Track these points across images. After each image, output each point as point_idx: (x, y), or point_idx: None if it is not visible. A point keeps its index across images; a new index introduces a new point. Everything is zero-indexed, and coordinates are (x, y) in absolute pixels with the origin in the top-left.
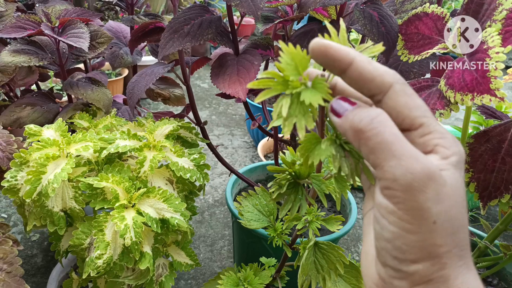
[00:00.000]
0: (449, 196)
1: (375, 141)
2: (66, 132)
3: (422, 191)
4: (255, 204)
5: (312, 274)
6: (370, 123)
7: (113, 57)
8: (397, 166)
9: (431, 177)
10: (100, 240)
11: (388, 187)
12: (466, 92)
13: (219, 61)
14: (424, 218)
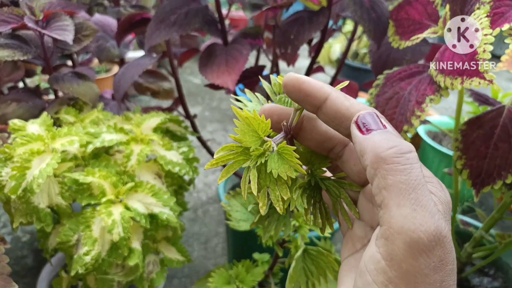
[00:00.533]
0: (449, 263)
1: (397, 179)
2: (51, 126)
3: (426, 256)
4: (243, 203)
5: (302, 280)
6: (400, 156)
7: (100, 50)
8: (409, 217)
9: (440, 241)
10: (87, 236)
11: (388, 238)
12: (455, 76)
13: (207, 51)
14: (416, 284)
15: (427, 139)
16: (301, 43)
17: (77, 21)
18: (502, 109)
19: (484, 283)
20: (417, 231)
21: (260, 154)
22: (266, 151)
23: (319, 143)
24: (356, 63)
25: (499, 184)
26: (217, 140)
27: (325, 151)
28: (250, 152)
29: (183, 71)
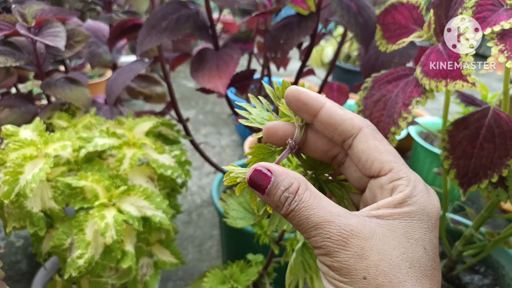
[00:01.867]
0: (378, 248)
1: (294, 222)
2: (43, 131)
3: (343, 250)
4: (240, 202)
5: (300, 273)
6: (288, 206)
7: (92, 55)
8: (317, 235)
9: (348, 235)
10: (80, 240)
11: (318, 254)
12: (440, 78)
13: (198, 56)
14: (352, 275)
15: (419, 140)
16: (290, 48)
17: (69, 27)
18: (487, 110)
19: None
20: (325, 241)
21: None
22: None
23: (323, 152)
24: (348, 65)
25: (485, 183)
26: (211, 143)
27: (329, 159)
28: None
29: (177, 75)
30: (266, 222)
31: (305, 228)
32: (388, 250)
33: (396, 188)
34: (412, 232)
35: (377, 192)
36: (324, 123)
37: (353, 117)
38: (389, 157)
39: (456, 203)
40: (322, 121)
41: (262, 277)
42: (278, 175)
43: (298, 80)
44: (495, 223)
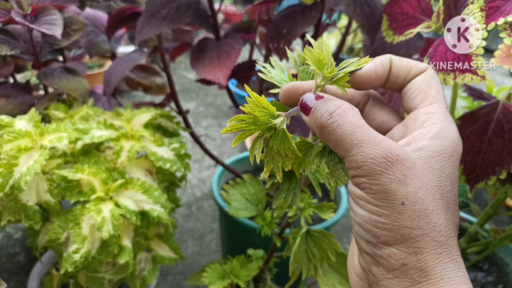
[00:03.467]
0: (418, 178)
1: (335, 135)
2: (39, 123)
3: (385, 173)
4: (242, 193)
5: (304, 262)
6: (329, 117)
7: (90, 45)
8: (359, 153)
9: (394, 159)
10: (77, 234)
11: (355, 175)
12: (448, 71)
13: (199, 46)
14: (390, 199)
15: None
16: (293, 38)
17: (66, 15)
18: (496, 104)
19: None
20: (368, 160)
21: (268, 128)
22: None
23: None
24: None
25: (493, 180)
26: (211, 135)
27: None
28: (259, 124)
29: (177, 66)
30: (268, 213)
31: (346, 145)
32: (425, 181)
33: (430, 120)
34: (445, 166)
35: (410, 124)
36: (395, 77)
37: (416, 62)
38: (436, 95)
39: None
40: (393, 77)
41: (263, 272)
42: (328, 98)
43: None
44: (498, 219)
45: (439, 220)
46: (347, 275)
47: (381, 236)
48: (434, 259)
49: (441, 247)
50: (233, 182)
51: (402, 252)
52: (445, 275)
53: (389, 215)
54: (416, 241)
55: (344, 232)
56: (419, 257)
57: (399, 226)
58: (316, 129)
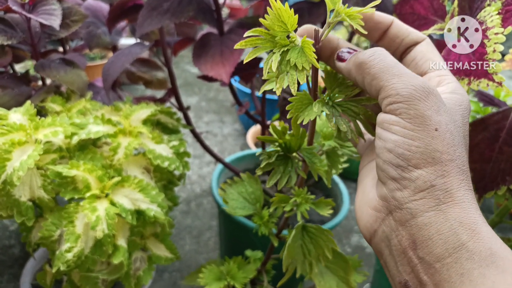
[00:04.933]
0: (448, 113)
1: (377, 67)
2: (34, 116)
3: (423, 101)
4: (240, 191)
5: (299, 258)
6: (372, 54)
7: (90, 36)
8: (399, 82)
9: (430, 91)
10: (70, 232)
11: (392, 102)
12: (462, 76)
13: (201, 41)
14: (426, 124)
15: None
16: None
17: (65, 5)
18: (508, 111)
19: None
20: (409, 87)
21: (284, 43)
22: (290, 42)
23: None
24: None
25: (503, 189)
26: (213, 131)
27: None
28: (276, 40)
29: (181, 60)
30: (266, 212)
31: (387, 75)
32: (454, 118)
33: (444, 80)
34: (465, 116)
35: None
36: (394, 36)
37: (415, 30)
38: (442, 61)
39: None
40: (392, 34)
41: (260, 274)
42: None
43: None
44: (502, 227)
45: (462, 153)
46: (345, 277)
47: (413, 159)
48: (458, 183)
49: (463, 174)
50: (231, 181)
51: (430, 174)
52: (466, 198)
53: (423, 138)
54: (444, 165)
55: (344, 233)
56: (446, 179)
57: (431, 150)
58: (354, 69)
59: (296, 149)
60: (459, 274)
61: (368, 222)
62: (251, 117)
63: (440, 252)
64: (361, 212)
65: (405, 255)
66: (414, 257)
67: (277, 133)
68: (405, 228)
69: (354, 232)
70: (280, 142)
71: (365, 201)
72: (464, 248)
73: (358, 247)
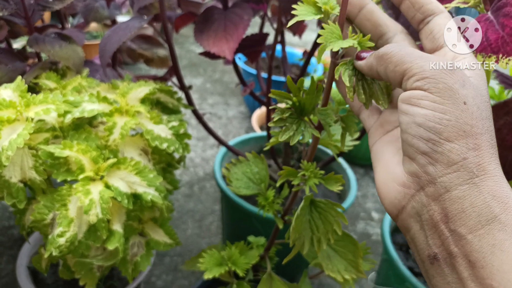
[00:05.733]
0: (473, 87)
1: (400, 54)
2: (25, 92)
3: (449, 75)
4: (245, 171)
5: (306, 233)
6: (391, 47)
7: (87, 10)
8: (423, 61)
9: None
10: (62, 216)
11: (419, 79)
12: (489, 53)
13: (204, 15)
14: (454, 97)
15: None
16: None
17: None
18: None
19: None
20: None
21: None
22: None
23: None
24: None
25: None
26: (217, 114)
27: (376, 36)
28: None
29: (185, 40)
30: (271, 192)
31: (411, 59)
32: (479, 93)
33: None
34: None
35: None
36: (413, 1)
37: (436, 1)
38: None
39: None
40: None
41: (263, 260)
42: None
43: (314, 50)
44: None
45: (491, 127)
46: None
47: (444, 132)
48: (489, 157)
49: (493, 148)
50: (236, 160)
51: (462, 147)
52: (497, 172)
53: (453, 112)
54: (475, 138)
55: (350, 220)
56: (478, 152)
57: (461, 123)
58: (376, 60)
59: (310, 110)
60: (491, 245)
61: (396, 199)
62: (256, 98)
63: (473, 224)
64: (386, 189)
65: (436, 228)
66: (445, 230)
67: (293, 89)
68: (438, 203)
69: (360, 219)
70: (294, 101)
71: (391, 177)
72: (497, 220)
73: (364, 234)
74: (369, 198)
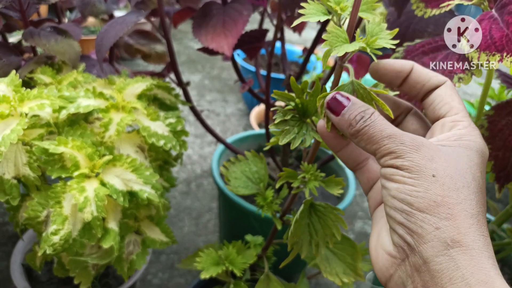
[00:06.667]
0: (445, 159)
1: (369, 133)
2: (19, 87)
3: (415, 152)
4: (243, 170)
5: (305, 237)
6: (363, 122)
7: (84, 4)
8: (391, 142)
9: (421, 144)
10: (57, 214)
11: (387, 159)
12: (493, 51)
13: (202, 10)
14: (422, 171)
15: None
16: None
17: None
18: None
19: None
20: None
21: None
22: None
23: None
24: None
25: None
26: (215, 110)
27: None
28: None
29: (184, 36)
30: (270, 192)
31: (378, 139)
32: (454, 163)
33: (457, 125)
34: (472, 157)
35: (437, 130)
36: (414, 82)
37: (435, 74)
38: (459, 106)
39: None
40: (412, 80)
41: (261, 260)
42: (354, 102)
43: (314, 48)
44: None
45: (470, 196)
46: (352, 264)
47: (415, 203)
48: (467, 227)
49: (472, 218)
50: (234, 159)
51: (434, 217)
52: (476, 245)
53: (421, 184)
54: (448, 208)
55: (347, 219)
56: (452, 222)
57: (431, 194)
58: (347, 131)
59: (313, 113)
60: None
61: (384, 266)
62: (255, 95)
63: None
64: (376, 255)
65: None
66: None
67: (296, 90)
68: (420, 275)
69: (357, 218)
70: (297, 102)
71: (380, 245)
72: None
73: (361, 233)
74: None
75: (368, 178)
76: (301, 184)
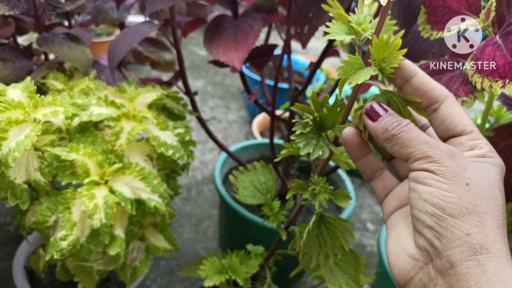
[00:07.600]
0: (476, 170)
1: (404, 139)
2: (34, 93)
3: (451, 159)
4: (252, 180)
5: (314, 249)
6: (399, 128)
7: (97, 11)
8: (427, 147)
9: (456, 152)
10: (66, 219)
11: (422, 163)
12: (496, 77)
13: (214, 23)
14: (457, 179)
15: None
16: (320, 23)
17: None
18: None
19: None
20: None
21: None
22: None
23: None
24: None
25: None
26: (217, 117)
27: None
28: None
29: (188, 41)
30: (277, 203)
31: (414, 143)
32: (483, 174)
33: (477, 146)
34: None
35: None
36: (416, 87)
37: (441, 86)
38: (470, 122)
39: None
40: (414, 86)
41: (262, 270)
42: (392, 113)
43: (322, 60)
44: None
45: (497, 207)
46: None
47: (448, 208)
48: (494, 236)
49: (499, 228)
50: (243, 169)
51: (466, 224)
52: (501, 253)
53: (456, 190)
54: (479, 216)
55: None
56: (481, 230)
57: (464, 201)
58: (382, 136)
59: (330, 127)
60: None
61: (405, 269)
62: (259, 106)
63: None
64: (396, 258)
65: None
66: None
67: (316, 104)
68: (444, 278)
69: (355, 230)
70: (315, 116)
71: (402, 248)
72: None
73: (358, 245)
74: (364, 208)
75: (384, 186)
76: (310, 196)
